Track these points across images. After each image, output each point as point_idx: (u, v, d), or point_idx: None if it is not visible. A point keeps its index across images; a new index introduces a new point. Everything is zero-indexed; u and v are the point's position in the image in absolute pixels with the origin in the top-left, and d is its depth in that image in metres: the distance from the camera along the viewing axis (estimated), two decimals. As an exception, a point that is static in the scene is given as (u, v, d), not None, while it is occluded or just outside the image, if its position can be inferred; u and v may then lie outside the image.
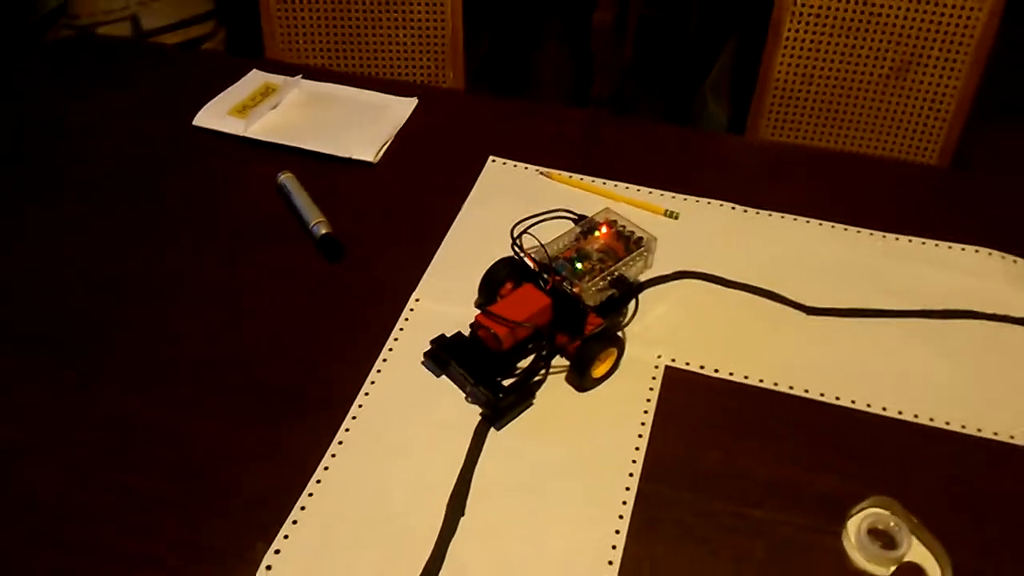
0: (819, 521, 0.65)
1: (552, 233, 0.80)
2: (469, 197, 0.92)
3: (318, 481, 0.67)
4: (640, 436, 0.70)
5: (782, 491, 0.67)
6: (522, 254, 0.77)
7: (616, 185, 0.93)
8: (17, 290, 0.81)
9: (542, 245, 0.77)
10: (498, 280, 0.77)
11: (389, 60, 1.44)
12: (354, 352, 0.76)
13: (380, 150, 0.97)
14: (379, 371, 0.75)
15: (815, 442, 0.70)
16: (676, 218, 0.89)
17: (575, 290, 0.74)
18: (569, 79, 2.23)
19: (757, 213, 0.91)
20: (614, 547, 0.63)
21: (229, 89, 1.05)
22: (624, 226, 0.81)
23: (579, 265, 0.76)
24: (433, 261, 0.85)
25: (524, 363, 0.74)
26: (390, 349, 0.77)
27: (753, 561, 0.62)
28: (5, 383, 0.73)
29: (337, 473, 0.67)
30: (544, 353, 0.73)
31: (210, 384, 0.73)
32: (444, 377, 0.74)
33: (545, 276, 0.76)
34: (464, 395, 0.72)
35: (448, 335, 0.75)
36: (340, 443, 0.69)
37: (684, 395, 0.73)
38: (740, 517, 0.65)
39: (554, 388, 0.73)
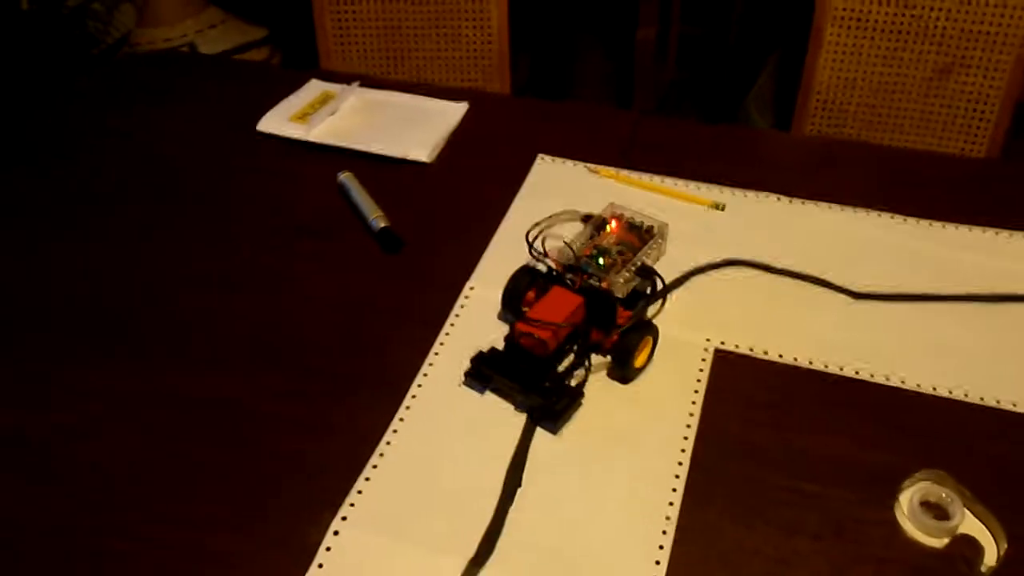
0: (871, 495, 0.66)
1: (561, 236, 0.80)
2: (520, 192, 0.95)
3: (381, 455, 0.70)
4: (691, 415, 0.72)
5: (834, 466, 0.68)
6: (545, 258, 0.78)
7: (662, 180, 0.96)
8: (102, 280, 0.86)
9: (568, 244, 0.78)
10: (520, 290, 0.78)
11: (438, 76, 1.49)
12: (412, 336, 0.79)
13: (434, 150, 1.01)
14: (436, 353, 0.78)
15: (864, 420, 0.71)
16: (722, 209, 0.91)
17: (604, 284, 0.75)
18: (610, 96, 2.26)
19: (803, 203, 0.92)
20: (668, 517, 0.65)
21: (290, 97, 1.10)
22: (633, 217, 0.81)
23: (601, 260, 0.77)
24: (486, 252, 0.88)
25: (562, 365, 0.73)
26: (447, 333, 0.80)
27: (806, 532, 0.64)
28: (90, 364, 0.77)
29: (398, 448, 0.70)
30: (583, 351, 0.74)
31: (275, 365, 0.77)
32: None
33: (571, 276, 0.76)
34: (514, 406, 0.73)
35: (484, 351, 0.75)
36: (401, 420, 0.72)
37: (734, 376, 0.75)
38: (792, 490, 0.66)
39: (598, 384, 0.74)
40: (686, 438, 0.70)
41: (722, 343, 0.78)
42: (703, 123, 1.05)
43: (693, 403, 0.73)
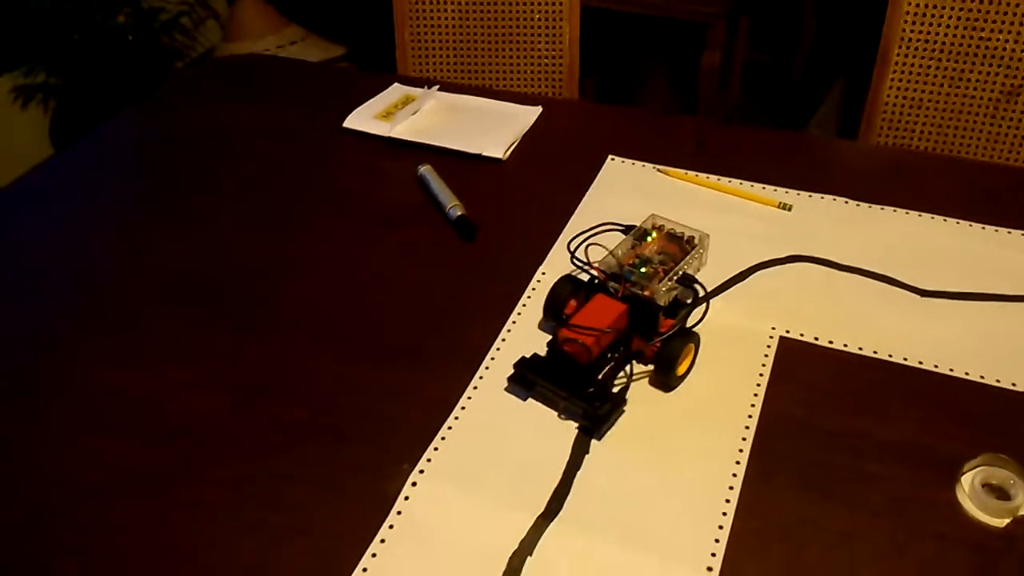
0: (933, 476, 0.67)
1: (603, 247, 0.81)
2: (590, 189, 0.99)
3: (456, 418, 0.73)
4: (755, 395, 0.74)
5: (897, 449, 0.69)
6: (588, 267, 0.79)
7: (730, 181, 0.99)
8: (199, 263, 0.92)
9: (611, 253, 0.79)
10: (562, 300, 0.79)
11: (509, 89, 1.54)
12: (486, 317, 0.83)
13: (508, 149, 1.06)
14: (508, 330, 0.82)
15: (928, 407, 0.73)
16: (789, 210, 0.94)
17: (647, 293, 0.75)
18: (674, 121, 2.30)
19: (869, 207, 0.94)
20: (731, 488, 0.67)
21: (374, 99, 1.16)
22: (674, 228, 0.82)
23: (644, 269, 0.78)
24: (556, 242, 0.92)
25: (603, 373, 0.74)
26: (519, 314, 0.83)
27: (868, 508, 0.65)
28: (192, 333, 0.83)
29: (471, 414, 0.74)
30: (625, 359, 0.75)
31: (360, 339, 0.82)
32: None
33: (613, 285, 0.77)
34: (557, 413, 0.74)
35: (527, 357, 0.76)
36: (475, 388, 0.76)
37: (798, 363, 0.77)
38: (855, 469, 0.68)
39: (640, 390, 0.75)
40: (750, 416, 0.72)
41: (787, 332, 0.80)
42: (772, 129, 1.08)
43: (758, 386, 0.75)
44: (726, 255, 0.89)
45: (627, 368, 0.75)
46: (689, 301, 0.79)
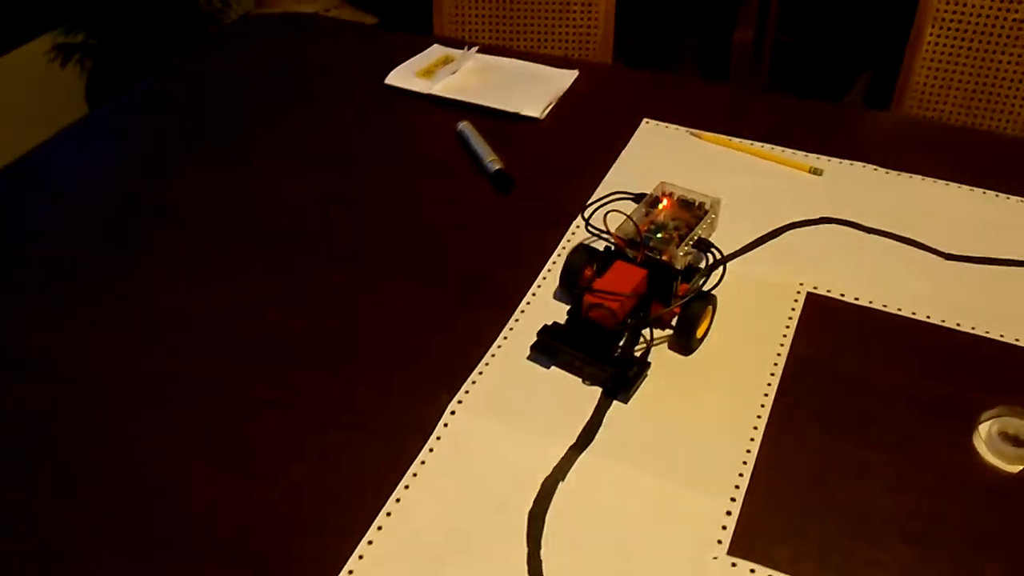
0: (950, 422, 0.70)
1: (615, 216, 0.81)
2: (624, 150, 1.02)
3: (492, 355, 0.77)
4: (782, 345, 0.77)
5: (917, 397, 0.72)
6: (606, 234, 0.79)
7: (762, 145, 1.01)
8: (254, 204, 0.96)
9: (629, 218, 0.78)
10: (578, 268, 0.80)
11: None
12: (520, 264, 0.86)
13: (545, 109, 1.09)
14: (544, 278, 0.85)
15: (950, 362, 0.75)
16: (820, 175, 0.96)
17: (665, 258, 0.76)
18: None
19: (899, 175, 0.97)
20: (755, 427, 0.70)
21: (414, 58, 1.19)
22: (684, 195, 0.83)
23: (660, 235, 0.78)
24: (594, 195, 0.95)
25: (624, 340, 0.75)
26: (553, 262, 0.87)
27: (886, 448, 0.68)
28: (253, 263, 0.87)
29: (508, 352, 0.77)
30: (644, 324, 0.76)
31: (404, 278, 0.85)
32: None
33: (630, 251, 0.77)
34: (581, 379, 0.75)
35: (548, 325, 0.77)
36: (511, 329, 0.79)
37: (825, 316, 0.80)
38: (874, 413, 0.71)
39: (661, 353, 0.77)
40: (775, 364, 0.75)
41: (815, 288, 0.83)
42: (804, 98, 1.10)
43: (784, 336, 0.78)
44: (758, 215, 0.91)
45: (646, 333, 0.77)
46: (702, 265, 0.80)
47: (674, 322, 0.77)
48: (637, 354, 0.75)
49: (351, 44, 1.27)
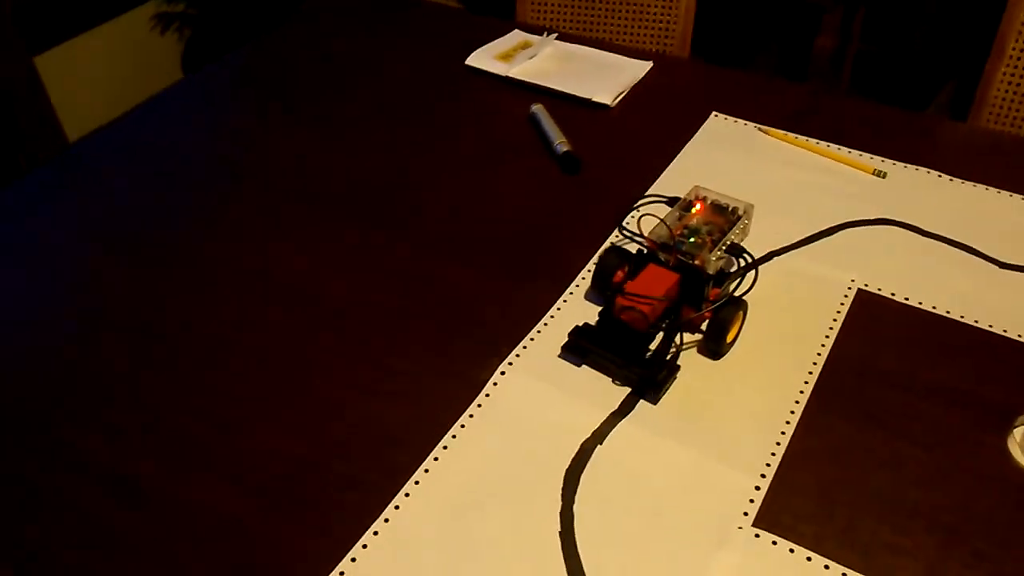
0: (988, 423, 0.71)
1: (649, 220, 0.83)
2: (691, 141, 1.04)
3: (545, 324, 0.81)
4: (827, 337, 0.79)
5: (956, 395, 0.74)
6: (639, 237, 0.80)
7: (828, 145, 1.03)
8: (332, 174, 1.02)
9: (663, 221, 0.79)
10: (610, 270, 0.80)
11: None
12: (580, 241, 0.90)
13: (617, 97, 1.12)
14: (600, 256, 0.88)
15: (993, 364, 0.76)
16: (883, 177, 0.97)
17: (697, 262, 0.76)
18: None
19: (963, 183, 0.97)
20: (792, 412, 0.72)
21: (494, 42, 1.23)
22: (717, 199, 0.83)
23: (693, 239, 0.79)
24: (656, 182, 0.98)
25: (655, 343, 0.77)
26: (610, 243, 0.90)
27: (919, 442, 0.70)
28: (325, 230, 0.93)
29: (560, 322, 0.81)
30: (675, 327, 0.76)
31: (466, 246, 0.90)
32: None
33: (663, 255, 0.78)
34: (612, 379, 0.75)
35: (580, 326, 0.77)
36: (564, 301, 0.83)
37: (872, 313, 0.81)
38: (912, 407, 0.73)
39: (690, 359, 0.77)
40: (819, 354, 0.77)
41: (866, 285, 0.84)
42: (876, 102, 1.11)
43: (830, 328, 0.80)
44: (815, 212, 0.93)
45: (677, 337, 0.77)
46: (733, 269, 0.80)
47: (704, 326, 0.79)
48: (667, 357, 0.75)
49: (436, 25, 1.32)
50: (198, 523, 0.65)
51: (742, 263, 0.80)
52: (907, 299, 0.83)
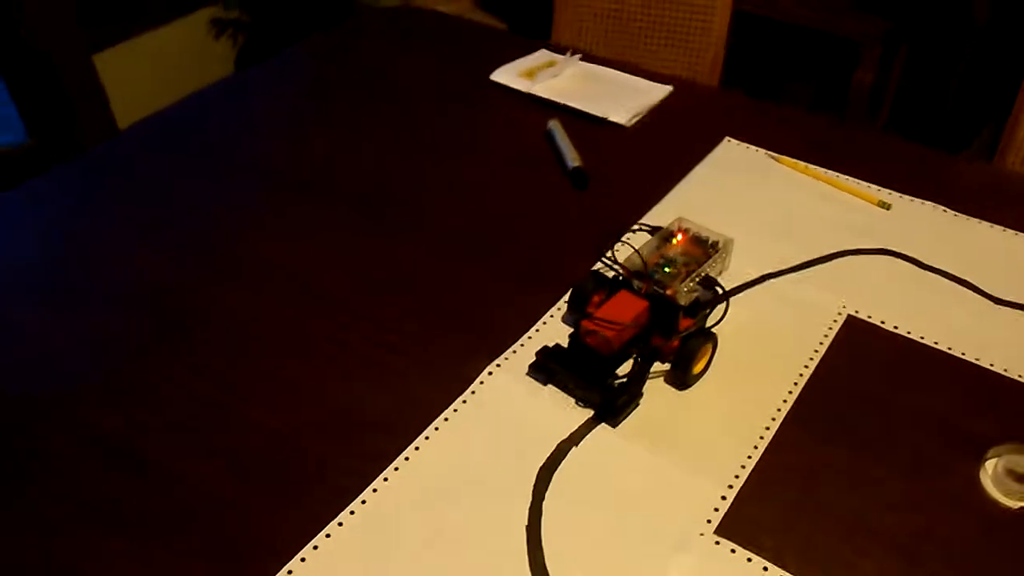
0: (963, 453, 0.72)
1: (630, 246, 0.84)
2: (700, 164, 1.07)
3: (536, 331, 0.83)
4: (811, 359, 0.80)
5: (933, 423, 0.74)
6: (614, 264, 0.81)
7: (837, 175, 1.04)
8: (354, 170, 1.06)
9: (637, 251, 0.81)
10: (586, 294, 0.81)
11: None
12: (581, 254, 0.93)
13: (633, 118, 1.15)
14: (598, 269, 0.91)
15: (974, 396, 0.77)
16: (888, 208, 0.98)
17: (669, 292, 0.77)
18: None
19: (968, 219, 0.98)
20: (767, 428, 0.74)
21: (521, 59, 1.27)
22: (699, 232, 0.85)
23: (668, 269, 0.81)
24: (660, 203, 1.00)
25: (624, 368, 0.78)
26: (609, 256, 0.92)
27: (893, 465, 0.71)
28: (333, 224, 0.97)
29: (550, 330, 0.83)
30: (645, 353, 0.77)
31: (472, 250, 0.93)
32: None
33: (636, 282, 0.79)
34: (575, 401, 0.76)
35: (549, 347, 0.78)
36: (559, 309, 0.86)
37: (860, 339, 0.83)
38: (889, 432, 0.74)
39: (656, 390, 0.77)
40: (800, 375, 0.79)
41: (856, 311, 0.85)
42: (892, 135, 1.12)
43: (815, 351, 0.81)
44: (815, 238, 0.94)
45: (644, 363, 0.77)
46: (709, 300, 0.80)
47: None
48: (632, 383, 0.75)
49: (469, 42, 1.37)
50: (189, 494, 0.68)
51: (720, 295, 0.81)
52: (896, 327, 0.84)
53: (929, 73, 2.25)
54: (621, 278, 0.81)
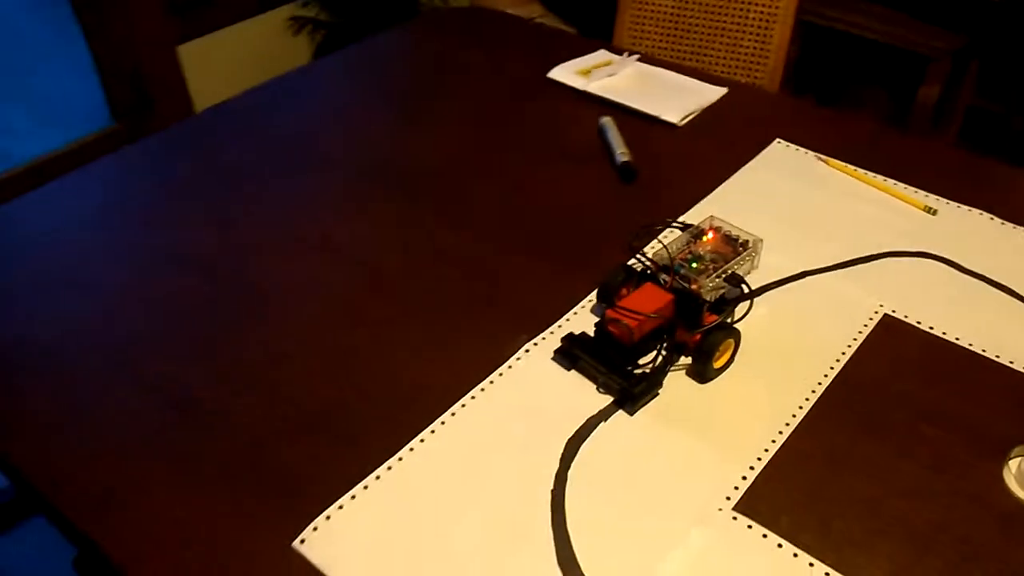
0: (986, 451, 0.73)
1: (662, 242, 0.86)
2: (748, 164, 1.09)
3: (575, 313, 0.87)
4: (843, 353, 0.82)
5: (961, 423, 0.75)
6: (643, 257, 0.83)
7: (885, 180, 1.05)
8: (412, 161, 1.12)
9: (665, 246, 0.84)
10: (615, 286, 0.83)
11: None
12: (625, 244, 0.96)
13: (685, 118, 1.17)
14: (638, 259, 0.94)
15: (1004, 399, 0.77)
16: (934, 214, 0.99)
17: (693, 287, 0.80)
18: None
19: (1014, 227, 0.97)
20: (794, 415, 0.76)
21: (579, 58, 1.31)
22: (730, 231, 0.87)
23: (694, 265, 0.83)
24: (704, 199, 1.02)
25: (647, 359, 0.80)
26: (651, 247, 0.95)
27: (918, 458, 0.72)
28: (397, 209, 1.02)
29: (587, 315, 0.87)
30: (667, 345, 0.79)
31: (520, 235, 0.97)
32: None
33: (664, 276, 0.82)
34: (596, 387, 0.79)
35: (575, 334, 0.81)
36: (595, 297, 0.89)
37: (894, 337, 0.84)
38: (914, 427, 0.75)
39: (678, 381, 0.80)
40: (832, 368, 0.80)
41: (893, 311, 0.86)
42: (945, 144, 1.12)
43: (848, 346, 0.83)
44: (858, 239, 0.96)
45: (668, 354, 0.79)
46: (735, 297, 0.82)
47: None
48: (653, 373, 0.78)
49: (532, 41, 1.41)
50: (239, 437, 0.74)
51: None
52: (931, 328, 0.85)
53: (1000, 89, 2.21)
54: (649, 272, 0.84)
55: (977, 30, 2.04)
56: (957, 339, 0.83)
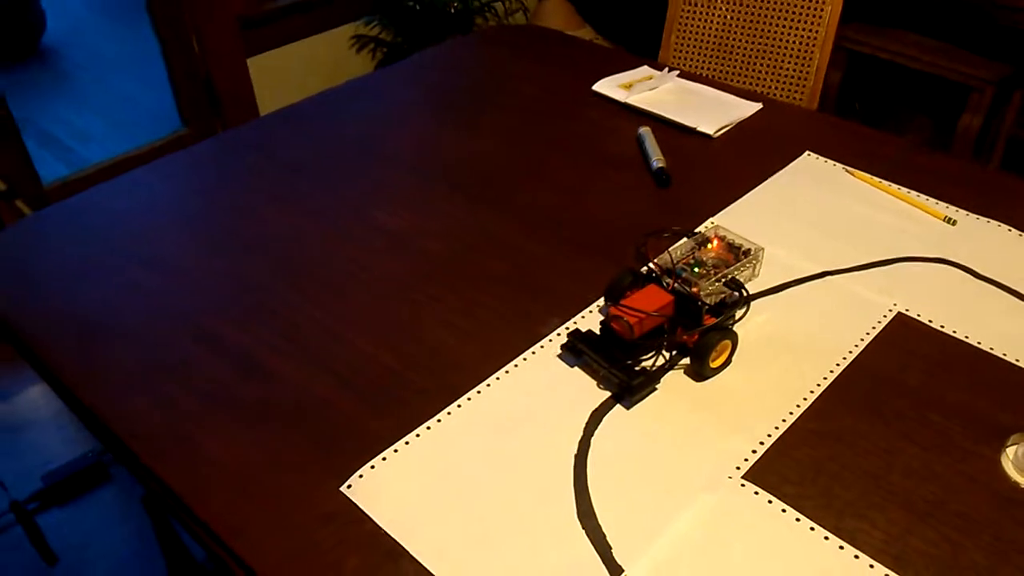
0: (986, 438, 0.77)
1: (669, 248, 0.92)
2: (777, 174, 1.14)
3: (598, 306, 0.94)
4: (856, 346, 0.87)
5: (964, 412, 0.80)
6: (648, 261, 0.88)
7: (909, 191, 1.10)
8: (459, 160, 1.20)
9: (668, 252, 0.90)
10: (621, 288, 0.88)
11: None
12: (655, 244, 1.02)
13: (720, 130, 1.24)
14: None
15: (1009, 394, 0.82)
16: (953, 224, 1.04)
17: (694, 290, 0.85)
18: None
19: (1032, 239, 1.02)
20: (804, 399, 0.81)
21: (623, 73, 1.38)
22: (733, 240, 0.93)
23: (696, 269, 0.88)
24: (733, 204, 1.08)
25: (647, 357, 0.84)
26: (677, 247, 1.01)
27: (921, 442, 0.77)
28: (448, 202, 1.11)
29: (620, 301, 0.93)
30: (667, 344, 0.84)
31: (558, 230, 1.05)
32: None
33: (667, 279, 0.87)
34: (596, 382, 0.84)
35: (581, 331, 0.86)
36: (628, 285, 0.96)
37: (906, 334, 0.89)
38: (920, 414, 0.80)
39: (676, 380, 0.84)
40: (844, 358, 0.86)
41: (906, 310, 0.91)
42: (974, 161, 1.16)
43: (861, 339, 0.88)
44: (878, 244, 1.01)
45: (669, 355, 0.85)
46: (735, 301, 0.87)
47: None
48: (652, 369, 0.82)
49: (579, 56, 1.49)
50: (298, 396, 0.82)
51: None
52: (943, 326, 0.89)
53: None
54: (653, 275, 0.90)
55: (1021, 60, 2.07)
56: (967, 337, 0.88)
